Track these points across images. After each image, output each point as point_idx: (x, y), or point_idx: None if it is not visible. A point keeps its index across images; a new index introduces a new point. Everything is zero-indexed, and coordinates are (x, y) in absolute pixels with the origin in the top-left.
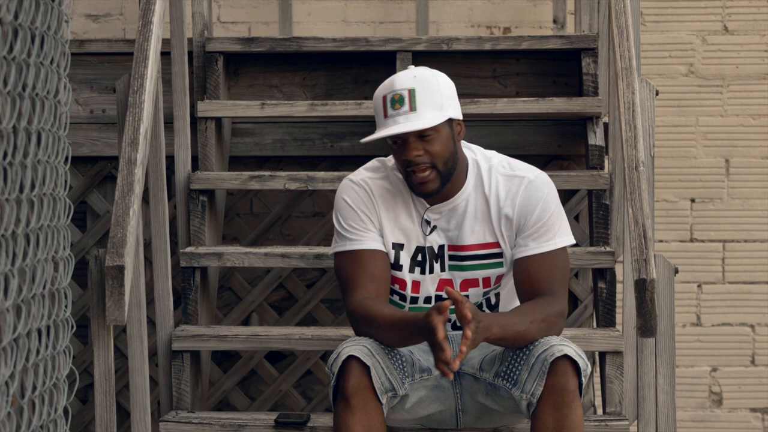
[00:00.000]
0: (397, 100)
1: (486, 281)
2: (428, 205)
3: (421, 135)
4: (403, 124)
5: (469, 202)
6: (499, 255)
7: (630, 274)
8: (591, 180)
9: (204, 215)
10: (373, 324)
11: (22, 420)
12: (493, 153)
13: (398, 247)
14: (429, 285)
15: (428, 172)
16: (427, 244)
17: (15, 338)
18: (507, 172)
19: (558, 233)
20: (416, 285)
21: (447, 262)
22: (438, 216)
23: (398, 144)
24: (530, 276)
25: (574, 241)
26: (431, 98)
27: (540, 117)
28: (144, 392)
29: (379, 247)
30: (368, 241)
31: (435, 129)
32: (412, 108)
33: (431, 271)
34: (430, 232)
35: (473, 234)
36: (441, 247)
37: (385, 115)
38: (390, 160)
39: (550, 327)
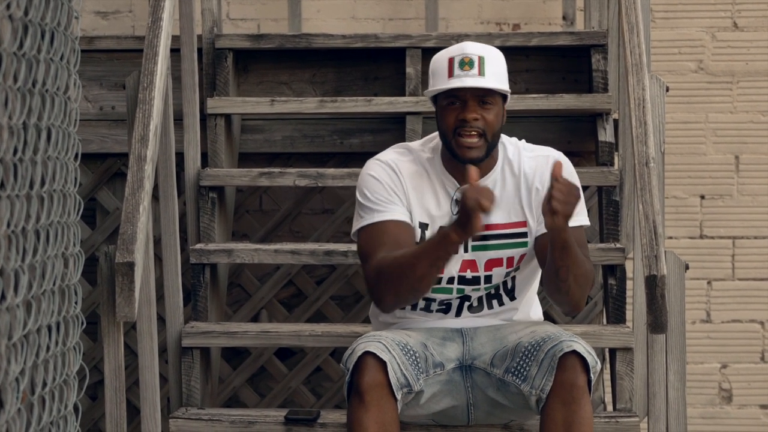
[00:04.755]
0: (467, 63)
1: (510, 261)
2: (458, 185)
3: (483, 101)
4: (473, 82)
5: (497, 182)
6: (524, 234)
7: (640, 270)
8: (601, 176)
9: (214, 212)
10: (403, 262)
11: (32, 416)
12: (515, 138)
13: (424, 226)
14: (452, 265)
15: (478, 138)
16: None
17: (25, 334)
18: (531, 154)
19: (581, 210)
20: None
21: (470, 243)
22: None
23: (455, 104)
24: None
25: (589, 223)
26: (498, 70)
27: (550, 113)
28: (154, 389)
29: (406, 219)
30: (394, 212)
31: (494, 99)
32: (481, 73)
33: (455, 252)
34: (458, 213)
35: (499, 213)
36: None
37: (451, 74)
38: (414, 144)
39: (590, 278)
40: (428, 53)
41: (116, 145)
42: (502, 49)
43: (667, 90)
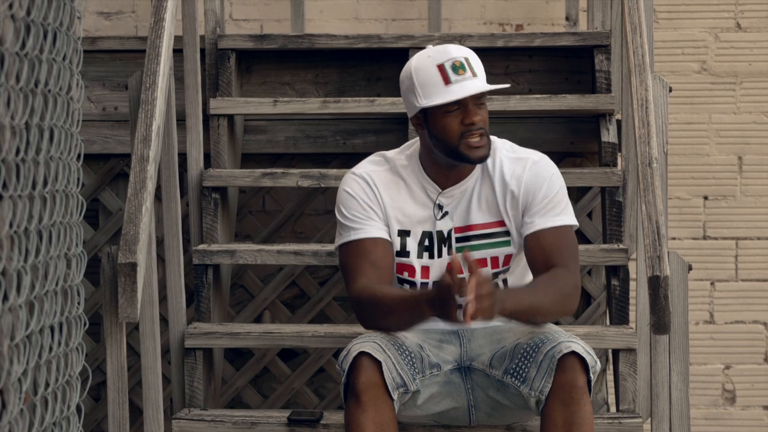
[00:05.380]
0: (459, 66)
1: (494, 261)
2: (441, 190)
3: (479, 101)
4: (475, 86)
5: (476, 183)
6: (506, 234)
7: (643, 271)
8: (604, 177)
9: (216, 213)
10: (381, 306)
11: (34, 417)
12: (494, 137)
13: (404, 234)
14: (437, 270)
15: (483, 137)
16: (437, 229)
17: (28, 335)
18: (511, 155)
19: (564, 211)
20: (425, 270)
21: (454, 245)
22: (450, 200)
23: (453, 112)
24: (542, 249)
25: (578, 225)
26: (480, 67)
27: (553, 114)
28: (157, 390)
29: (382, 235)
30: (370, 229)
31: (485, 99)
32: (474, 74)
33: (440, 255)
34: (442, 217)
35: (480, 213)
36: (450, 231)
37: (447, 81)
38: (391, 153)
39: (565, 300)
40: None
41: (119, 145)
42: (505, 49)
43: (671, 90)
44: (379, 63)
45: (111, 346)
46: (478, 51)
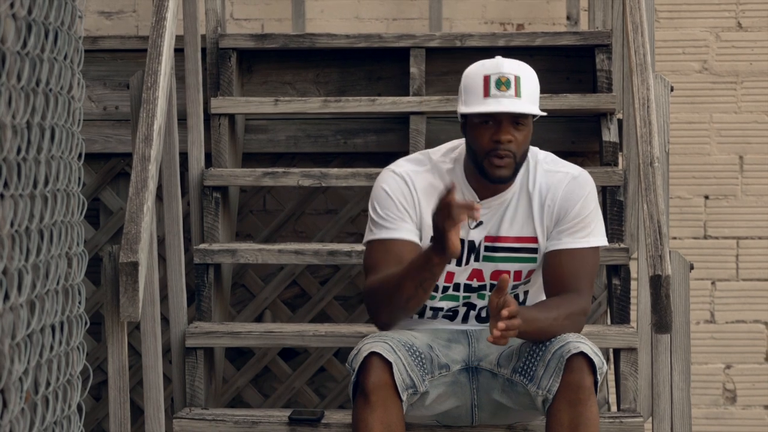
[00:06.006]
0: (503, 83)
1: (517, 274)
2: (479, 200)
3: (516, 122)
4: (511, 105)
5: (514, 197)
6: (534, 251)
7: (645, 270)
8: (605, 176)
9: (217, 212)
10: (390, 281)
11: (35, 416)
12: (536, 149)
13: None
14: (461, 274)
15: (508, 159)
16: (469, 238)
17: (29, 334)
18: (551, 168)
19: (593, 232)
20: (450, 276)
21: (482, 253)
22: (487, 211)
23: (488, 124)
24: (560, 270)
25: (607, 243)
26: (532, 91)
27: (554, 113)
28: (158, 389)
29: (412, 237)
30: (401, 230)
31: (526, 120)
32: (518, 94)
33: (467, 263)
34: (476, 227)
35: (512, 227)
36: (481, 241)
37: (487, 94)
38: (435, 154)
39: (573, 325)
40: (432, 53)
41: (120, 145)
42: (506, 49)
43: (672, 89)
44: (380, 62)
45: (112, 345)
46: (479, 51)
